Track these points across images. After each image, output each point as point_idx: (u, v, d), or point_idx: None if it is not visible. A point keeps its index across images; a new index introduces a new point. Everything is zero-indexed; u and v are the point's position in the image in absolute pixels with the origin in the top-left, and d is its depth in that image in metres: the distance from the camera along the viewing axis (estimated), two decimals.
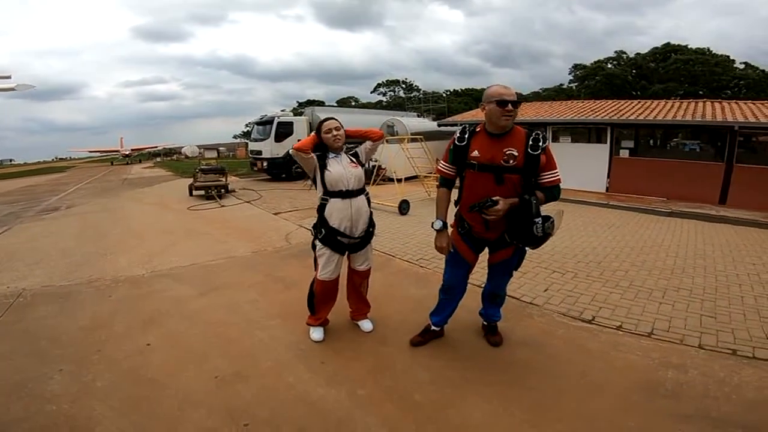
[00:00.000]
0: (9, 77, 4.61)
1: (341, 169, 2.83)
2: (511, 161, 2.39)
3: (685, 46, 34.42)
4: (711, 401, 2.40)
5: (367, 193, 3.00)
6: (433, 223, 2.71)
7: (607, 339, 3.14)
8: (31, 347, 3.13)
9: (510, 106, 2.36)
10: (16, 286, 4.51)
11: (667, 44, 35.29)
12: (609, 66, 37.11)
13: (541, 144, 2.38)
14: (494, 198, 2.37)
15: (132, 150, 45.01)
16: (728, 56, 33.23)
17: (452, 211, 2.75)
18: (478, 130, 2.56)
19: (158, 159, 44.55)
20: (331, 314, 3.21)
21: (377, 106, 46.58)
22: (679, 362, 2.80)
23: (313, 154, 2.80)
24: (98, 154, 52.23)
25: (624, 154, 10.79)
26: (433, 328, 3.05)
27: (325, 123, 2.88)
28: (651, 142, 13.31)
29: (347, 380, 2.61)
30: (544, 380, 2.60)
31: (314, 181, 2.92)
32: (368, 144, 3.09)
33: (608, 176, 10.73)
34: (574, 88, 39.66)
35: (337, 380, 2.61)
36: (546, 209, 2.46)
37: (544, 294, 3.98)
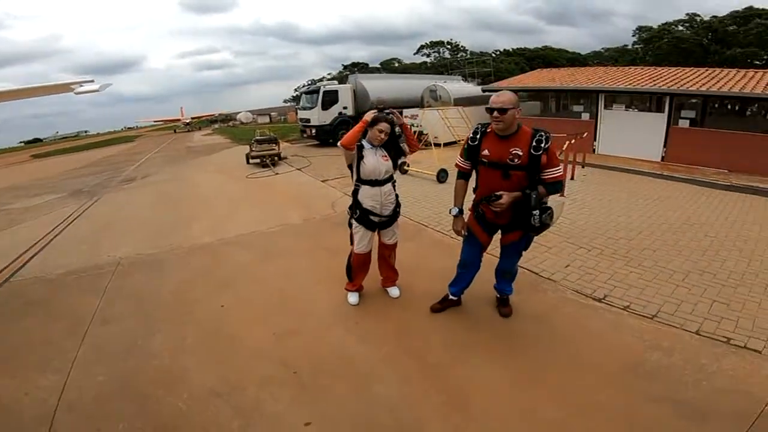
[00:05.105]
0: (92, 81, 5.38)
1: (375, 162, 3.27)
2: (516, 160, 2.74)
3: None
4: (681, 386, 2.54)
5: (394, 181, 3.46)
6: (450, 209, 3.14)
7: (611, 318, 3.31)
8: (136, 309, 3.88)
9: (496, 113, 2.68)
10: (114, 254, 5.37)
11: (750, 8, 30.54)
12: (680, 28, 33.07)
13: (543, 145, 2.68)
14: (498, 193, 2.76)
15: (192, 119, 47.56)
16: None
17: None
18: (488, 131, 2.91)
19: (216, 126, 46.55)
20: (365, 282, 3.76)
21: (421, 67, 44.62)
22: (668, 346, 2.91)
23: (355, 150, 3.24)
24: (162, 122, 55.41)
25: (684, 124, 10.00)
26: (450, 297, 3.51)
27: (381, 123, 3.25)
28: (723, 109, 11.98)
29: (375, 339, 3.19)
30: (539, 353, 2.95)
31: (351, 169, 3.39)
32: (406, 148, 3.48)
33: (665, 145, 10.04)
34: (639, 50, 35.92)
35: (367, 339, 3.20)
36: (550, 200, 2.82)
37: (564, 270, 4.14)
